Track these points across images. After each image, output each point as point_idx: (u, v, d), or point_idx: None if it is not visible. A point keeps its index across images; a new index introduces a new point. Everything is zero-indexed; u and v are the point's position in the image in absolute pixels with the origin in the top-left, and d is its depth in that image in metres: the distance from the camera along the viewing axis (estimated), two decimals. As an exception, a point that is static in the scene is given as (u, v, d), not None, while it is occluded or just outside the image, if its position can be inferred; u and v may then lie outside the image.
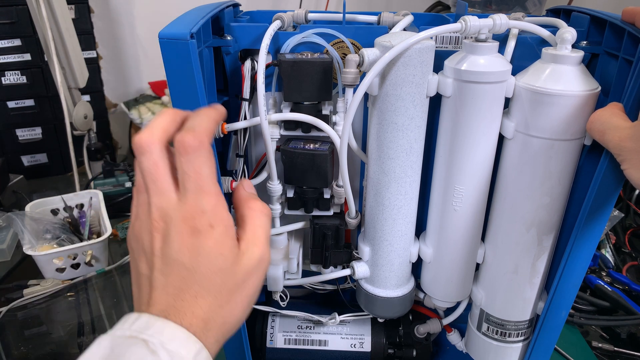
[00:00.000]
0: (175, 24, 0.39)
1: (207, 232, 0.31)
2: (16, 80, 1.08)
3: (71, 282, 0.79)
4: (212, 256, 0.31)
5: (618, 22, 0.38)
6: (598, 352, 0.67)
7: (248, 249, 0.33)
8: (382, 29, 0.47)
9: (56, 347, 0.67)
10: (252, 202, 0.36)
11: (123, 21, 1.33)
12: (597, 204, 0.39)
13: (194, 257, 0.31)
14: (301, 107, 0.46)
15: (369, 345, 0.57)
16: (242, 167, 0.51)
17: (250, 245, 0.33)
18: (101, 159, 1.09)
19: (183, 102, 0.40)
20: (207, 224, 0.31)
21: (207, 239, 0.31)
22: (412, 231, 0.48)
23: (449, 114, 0.42)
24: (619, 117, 0.35)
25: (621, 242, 0.89)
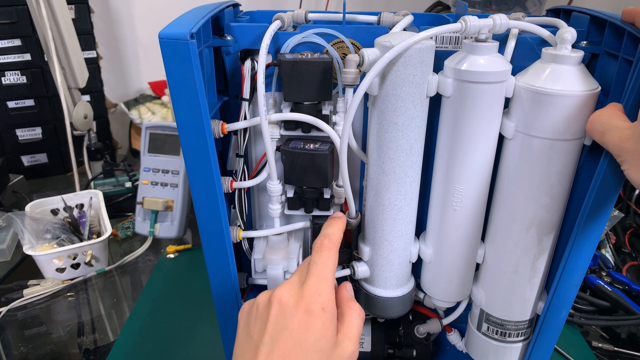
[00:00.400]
0: (175, 24, 0.39)
1: (318, 313, 0.36)
2: (16, 80, 1.08)
3: (71, 282, 0.79)
4: (317, 336, 0.35)
5: (618, 22, 0.38)
6: (598, 352, 0.67)
7: (344, 341, 0.37)
8: (382, 29, 0.47)
9: (56, 347, 0.67)
10: (352, 303, 0.40)
11: (123, 21, 1.33)
12: (597, 204, 0.39)
13: (302, 332, 0.35)
14: (301, 107, 0.46)
15: (369, 345, 0.57)
16: (242, 167, 0.51)
17: (346, 339, 0.37)
18: (101, 159, 1.09)
19: (183, 102, 0.40)
20: (320, 307, 0.36)
21: (317, 319, 0.36)
22: (412, 231, 0.48)
23: (449, 114, 0.42)
24: (618, 118, 0.35)
25: (621, 242, 0.89)
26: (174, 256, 0.86)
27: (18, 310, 0.73)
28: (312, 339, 0.35)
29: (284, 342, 0.35)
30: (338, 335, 0.37)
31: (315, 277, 0.38)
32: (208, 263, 0.48)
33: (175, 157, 0.83)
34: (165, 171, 0.83)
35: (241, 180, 0.51)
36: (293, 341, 0.35)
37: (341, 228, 0.44)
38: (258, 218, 0.57)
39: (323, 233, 0.42)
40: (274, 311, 0.37)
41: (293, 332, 0.35)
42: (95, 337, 0.69)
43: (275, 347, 0.35)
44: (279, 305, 0.37)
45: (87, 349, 0.67)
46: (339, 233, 0.43)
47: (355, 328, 0.38)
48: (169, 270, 0.83)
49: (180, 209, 0.83)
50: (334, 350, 0.36)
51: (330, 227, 0.43)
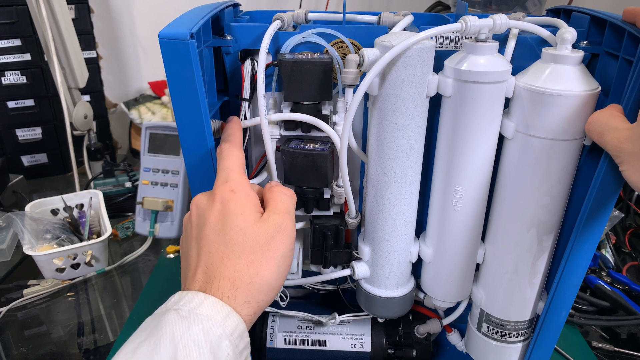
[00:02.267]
0: (175, 24, 0.39)
1: (230, 197, 0.36)
2: (16, 80, 1.08)
3: (71, 282, 0.79)
4: (234, 216, 0.35)
5: (618, 22, 0.38)
6: (598, 352, 0.67)
7: (269, 217, 0.37)
8: (382, 29, 0.47)
9: (56, 347, 0.67)
10: (275, 187, 0.40)
11: (123, 21, 1.33)
12: (597, 204, 0.39)
13: (219, 220, 0.36)
14: (301, 107, 0.46)
15: (369, 345, 0.57)
16: (242, 167, 0.51)
17: (271, 214, 0.37)
18: (101, 159, 1.09)
19: (183, 102, 0.40)
20: (229, 190, 0.36)
21: (230, 202, 0.36)
22: (412, 231, 0.48)
23: (449, 114, 0.42)
24: (617, 119, 0.35)
25: (621, 242, 0.89)
26: (174, 256, 0.86)
27: (18, 310, 0.73)
28: (229, 222, 0.35)
29: (206, 237, 0.36)
30: (264, 214, 0.37)
31: (221, 171, 0.38)
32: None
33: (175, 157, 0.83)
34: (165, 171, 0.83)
35: (241, 180, 0.51)
36: (213, 232, 0.35)
37: (238, 128, 0.43)
38: (258, 218, 0.57)
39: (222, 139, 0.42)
40: (194, 216, 0.38)
41: (211, 224, 0.36)
42: (95, 337, 0.69)
43: (201, 245, 0.36)
44: (196, 208, 0.38)
45: (87, 349, 0.67)
46: (238, 133, 0.42)
47: (280, 203, 0.38)
48: (169, 270, 0.83)
49: (180, 209, 0.83)
50: (259, 225, 0.36)
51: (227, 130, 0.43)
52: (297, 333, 0.57)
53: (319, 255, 0.52)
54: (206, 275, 0.34)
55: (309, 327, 0.57)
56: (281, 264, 0.36)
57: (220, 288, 0.34)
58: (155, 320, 0.33)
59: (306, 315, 0.57)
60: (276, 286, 0.36)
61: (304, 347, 0.57)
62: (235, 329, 0.33)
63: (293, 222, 0.38)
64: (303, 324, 0.58)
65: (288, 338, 0.57)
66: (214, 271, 0.34)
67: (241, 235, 0.35)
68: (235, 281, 0.34)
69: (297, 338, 0.57)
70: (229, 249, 0.35)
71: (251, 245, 0.35)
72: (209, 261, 0.35)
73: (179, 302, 0.33)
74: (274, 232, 0.36)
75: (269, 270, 0.35)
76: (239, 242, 0.35)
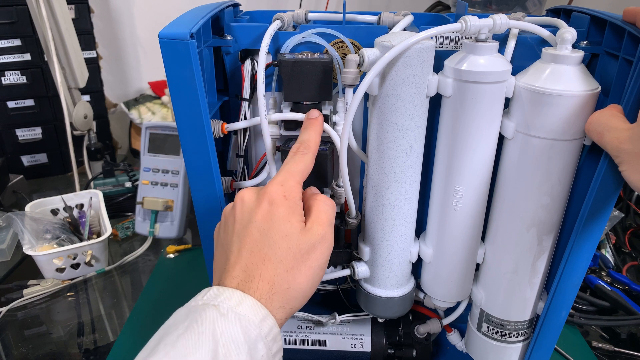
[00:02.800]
0: (175, 24, 0.39)
1: (281, 201, 0.36)
2: (16, 80, 1.08)
3: (71, 282, 0.79)
4: (281, 221, 0.36)
5: (618, 22, 0.38)
6: (598, 352, 0.67)
7: (312, 227, 0.37)
8: (382, 29, 0.47)
9: (56, 347, 0.67)
10: (317, 194, 0.41)
11: (123, 21, 1.33)
12: (597, 204, 0.39)
13: (266, 221, 0.36)
14: (301, 107, 0.46)
15: (369, 345, 0.57)
16: (242, 167, 0.51)
17: (314, 224, 0.37)
18: (101, 159, 1.09)
19: (183, 102, 0.40)
20: (282, 195, 0.37)
21: (279, 206, 0.36)
22: (412, 231, 0.48)
23: (449, 114, 0.42)
24: (617, 119, 0.35)
25: (621, 242, 0.89)
26: (174, 256, 0.86)
27: (18, 310, 0.73)
28: (276, 226, 0.36)
29: (250, 235, 0.36)
30: (307, 223, 0.37)
31: (282, 172, 0.39)
32: (208, 263, 0.48)
33: (175, 157, 0.83)
34: (165, 171, 0.83)
35: (241, 180, 0.51)
36: (259, 232, 0.36)
37: (318, 132, 0.43)
38: (258, 218, 0.57)
39: (299, 139, 0.42)
40: (238, 210, 0.38)
41: (257, 223, 0.36)
42: (95, 337, 0.69)
43: (243, 242, 0.36)
44: (241, 203, 0.38)
45: (87, 349, 0.67)
46: (316, 138, 0.42)
47: (323, 214, 0.38)
48: (169, 270, 0.83)
49: (180, 209, 0.83)
50: (303, 234, 0.36)
51: (306, 133, 0.42)
52: (297, 333, 0.57)
53: (319, 255, 0.52)
54: (245, 274, 0.35)
55: (309, 327, 0.57)
56: (316, 274, 0.37)
57: (259, 289, 0.34)
58: (193, 313, 0.33)
59: (306, 315, 0.57)
60: (308, 294, 0.37)
61: (304, 347, 0.57)
62: (270, 331, 0.33)
63: (332, 233, 0.39)
64: (303, 324, 0.58)
65: (288, 338, 0.57)
66: (254, 271, 0.34)
67: (286, 241, 0.35)
68: (274, 285, 0.34)
69: (297, 338, 0.57)
70: (272, 252, 0.35)
71: (294, 252, 0.35)
72: (250, 260, 0.35)
73: (218, 298, 0.33)
74: (315, 243, 0.36)
75: (305, 278, 0.36)
76: (283, 247, 0.35)
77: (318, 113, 0.44)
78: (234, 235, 0.37)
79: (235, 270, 0.35)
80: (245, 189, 0.39)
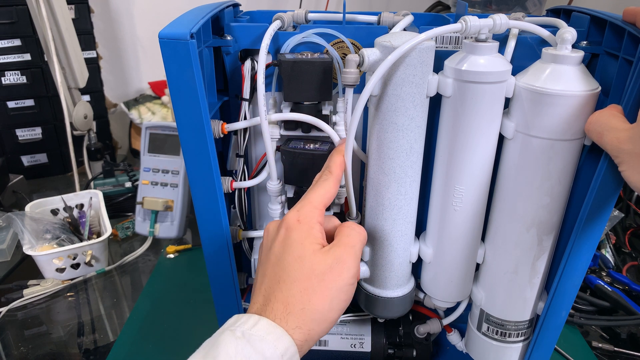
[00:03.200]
0: (175, 24, 0.39)
1: (294, 226, 0.38)
2: (16, 80, 1.08)
3: (71, 282, 0.79)
4: (294, 245, 0.37)
5: (618, 22, 0.38)
6: (598, 352, 0.67)
7: (330, 249, 0.38)
8: (382, 29, 0.47)
9: (56, 347, 0.67)
10: (348, 222, 0.41)
11: (123, 21, 1.33)
12: (597, 204, 0.39)
13: (281, 246, 0.38)
14: (301, 107, 0.46)
15: (369, 345, 0.57)
16: (242, 167, 0.51)
17: (333, 246, 0.38)
18: (101, 159, 1.09)
19: (183, 102, 0.40)
20: (296, 220, 0.38)
21: (293, 231, 0.38)
22: (412, 231, 0.48)
23: (449, 114, 0.42)
24: (617, 119, 0.35)
25: (621, 242, 0.89)
26: (174, 256, 0.86)
27: (18, 310, 0.73)
28: (290, 249, 0.37)
29: (269, 261, 0.38)
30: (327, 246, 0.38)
31: (301, 199, 0.40)
32: (208, 263, 0.48)
33: (175, 157, 0.83)
34: (165, 171, 0.83)
35: (241, 180, 0.51)
36: (275, 257, 0.37)
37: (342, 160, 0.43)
38: (258, 218, 0.57)
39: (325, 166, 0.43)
40: (264, 240, 0.40)
41: (275, 249, 0.38)
42: (95, 337, 0.69)
43: (264, 269, 0.38)
44: (266, 234, 0.40)
45: (87, 349, 0.67)
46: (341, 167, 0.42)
47: (346, 237, 0.39)
48: (169, 270, 0.83)
49: (180, 209, 0.83)
50: (318, 255, 0.36)
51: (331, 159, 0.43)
52: (297, 333, 0.57)
53: (319, 255, 0.52)
54: (264, 298, 0.36)
55: (309, 327, 0.57)
56: (335, 297, 0.36)
57: (274, 310, 0.35)
58: (211, 340, 0.34)
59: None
60: (329, 318, 0.36)
61: (304, 347, 0.57)
62: (286, 350, 0.33)
63: (355, 257, 0.38)
64: (303, 324, 0.58)
65: (288, 338, 0.57)
66: (270, 294, 0.36)
67: (298, 262, 0.36)
68: (288, 305, 0.35)
69: (297, 338, 0.57)
70: (285, 274, 0.36)
71: (307, 273, 0.36)
72: (268, 284, 0.36)
73: (235, 324, 0.34)
74: (331, 264, 0.36)
75: (321, 300, 0.35)
76: (295, 268, 0.36)
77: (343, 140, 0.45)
78: (260, 264, 0.39)
79: (258, 296, 0.37)
80: (271, 222, 0.41)
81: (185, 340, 0.67)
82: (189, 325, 0.69)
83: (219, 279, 0.48)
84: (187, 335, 0.68)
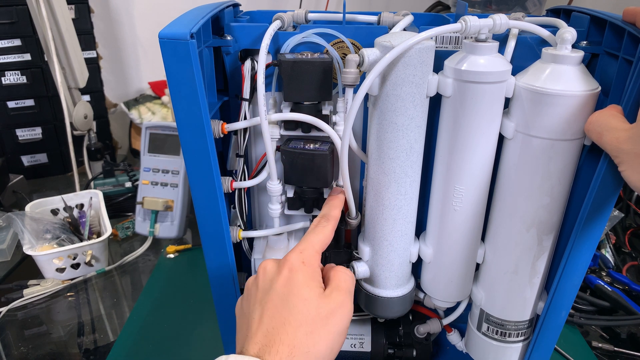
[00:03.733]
0: (175, 24, 0.39)
1: (299, 267, 0.38)
2: (16, 80, 1.08)
3: (71, 282, 0.79)
4: (300, 286, 0.37)
5: (618, 22, 0.38)
6: (598, 352, 0.67)
7: (332, 293, 0.38)
8: (382, 29, 0.47)
9: (56, 347, 0.67)
10: (337, 266, 0.42)
11: (123, 21, 1.33)
12: (597, 204, 0.39)
13: (286, 287, 0.37)
14: (301, 107, 0.46)
15: (369, 345, 0.57)
16: (242, 167, 0.51)
17: (333, 291, 0.38)
18: (101, 159, 1.09)
19: (183, 102, 0.40)
20: (301, 261, 0.39)
21: (298, 272, 0.38)
22: (412, 231, 0.48)
23: (449, 114, 0.42)
24: (617, 119, 0.35)
25: (621, 242, 0.89)
26: (174, 256, 0.86)
27: (18, 310, 0.73)
28: (295, 290, 0.37)
29: (271, 301, 0.37)
30: (326, 290, 0.38)
31: (303, 242, 0.41)
32: (208, 263, 0.48)
33: (175, 157, 0.83)
34: (165, 171, 0.83)
35: (241, 180, 0.51)
36: (279, 298, 0.37)
37: (339, 207, 0.45)
38: (258, 218, 0.57)
39: (321, 212, 0.44)
40: (261, 279, 0.39)
41: (277, 290, 0.37)
42: (95, 337, 0.69)
43: (265, 308, 0.37)
44: (263, 272, 0.39)
45: (87, 349, 0.67)
46: (337, 212, 0.44)
47: (343, 282, 0.40)
48: (169, 270, 0.83)
49: (180, 209, 0.83)
50: (322, 299, 0.37)
51: (327, 207, 0.45)
52: (297, 333, 0.57)
53: (319, 255, 0.52)
54: (266, 339, 0.35)
55: (309, 327, 0.57)
56: (336, 340, 0.37)
57: (279, 353, 0.34)
58: None
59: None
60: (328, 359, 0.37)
61: (304, 347, 0.57)
62: None
63: (352, 302, 0.39)
64: (303, 324, 0.58)
65: (288, 338, 0.57)
66: (274, 336, 0.35)
67: (305, 305, 0.36)
68: (293, 349, 0.34)
69: (297, 338, 0.57)
70: (292, 316, 0.36)
71: (313, 316, 0.36)
72: (271, 325, 0.36)
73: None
74: (335, 308, 0.37)
75: (325, 344, 0.36)
76: (302, 311, 0.36)
77: (341, 190, 0.47)
78: (256, 303, 0.38)
79: (257, 337, 0.35)
80: (268, 260, 0.40)
81: (185, 340, 0.67)
82: (189, 325, 0.69)
83: (219, 279, 0.48)
84: (187, 335, 0.68)
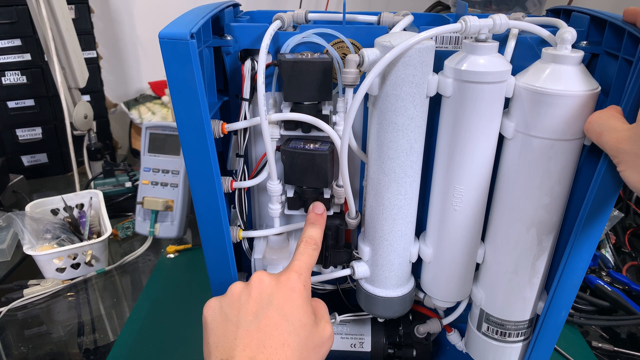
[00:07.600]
0: (175, 24, 0.39)
1: (301, 290, 0.38)
2: (16, 80, 1.08)
3: (71, 282, 0.79)
4: (301, 310, 0.37)
5: (618, 22, 0.38)
6: (598, 352, 0.67)
7: (321, 323, 0.39)
8: (382, 29, 0.47)
9: (56, 347, 0.67)
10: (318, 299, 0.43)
11: (123, 21, 1.33)
12: (597, 204, 0.39)
13: (287, 306, 0.37)
14: (301, 107, 0.46)
15: (369, 345, 0.57)
16: (242, 167, 0.51)
17: (321, 321, 0.39)
18: (101, 159, 1.09)
19: (183, 102, 0.40)
20: (303, 284, 0.39)
21: (300, 295, 0.38)
22: (412, 231, 0.48)
23: (449, 114, 0.42)
24: (616, 119, 0.35)
25: (621, 242, 0.89)
26: (174, 256, 0.86)
27: (18, 310, 0.73)
28: (296, 314, 0.37)
29: (270, 317, 0.36)
30: (320, 324, 0.39)
31: (298, 262, 0.41)
32: (208, 263, 0.48)
33: (175, 157, 0.83)
34: (165, 171, 0.83)
35: (241, 180, 0.51)
36: (279, 315, 0.36)
37: (321, 228, 0.46)
38: (258, 218, 0.57)
39: (306, 233, 0.45)
40: (256, 290, 0.38)
41: (278, 306, 0.37)
42: (95, 337, 0.69)
43: (261, 322, 0.36)
44: (260, 284, 0.39)
45: (87, 349, 0.67)
46: (321, 234, 0.46)
47: (326, 314, 0.42)
48: (169, 270, 0.83)
49: (180, 209, 0.83)
50: (315, 328, 0.38)
51: (313, 229, 0.45)
52: (297, 333, 0.57)
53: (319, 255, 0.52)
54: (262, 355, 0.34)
55: (309, 327, 0.57)
56: None
57: None
58: None
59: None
60: None
61: (304, 347, 0.57)
62: None
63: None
64: (303, 324, 0.58)
65: (288, 338, 0.57)
66: (272, 355, 0.34)
67: (304, 330, 0.37)
68: None
69: (297, 338, 0.57)
70: (292, 339, 0.36)
71: (309, 343, 0.37)
72: (268, 342, 0.35)
73: None
74: (325, 339, 0.39)
75: None
76: (302, 336, 0.36)
77: (323, 208, 0.47)
78: (248, 314, 0.37)
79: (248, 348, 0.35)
80: (261, 272, 0.40)
81: (185, 340, 0.67)
82: (189, 325, 0.69)
83: (219, 279, 0.48)
84: (187, 335, 0.68)
